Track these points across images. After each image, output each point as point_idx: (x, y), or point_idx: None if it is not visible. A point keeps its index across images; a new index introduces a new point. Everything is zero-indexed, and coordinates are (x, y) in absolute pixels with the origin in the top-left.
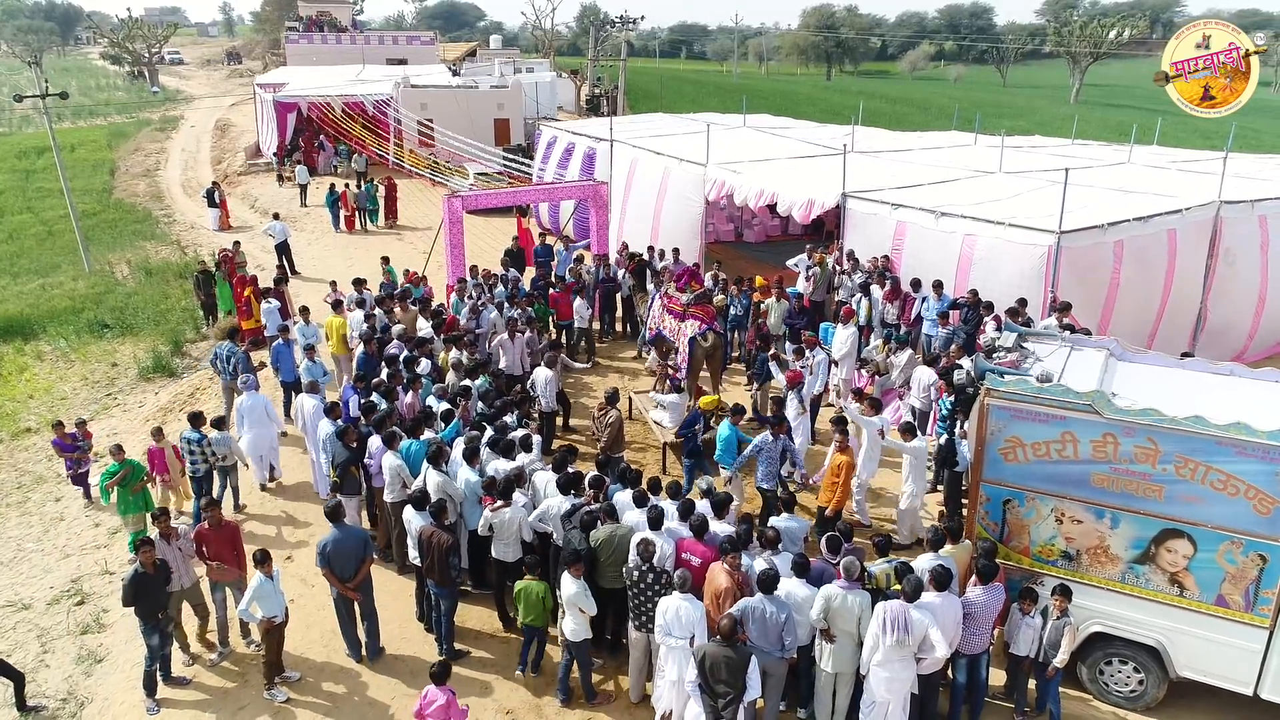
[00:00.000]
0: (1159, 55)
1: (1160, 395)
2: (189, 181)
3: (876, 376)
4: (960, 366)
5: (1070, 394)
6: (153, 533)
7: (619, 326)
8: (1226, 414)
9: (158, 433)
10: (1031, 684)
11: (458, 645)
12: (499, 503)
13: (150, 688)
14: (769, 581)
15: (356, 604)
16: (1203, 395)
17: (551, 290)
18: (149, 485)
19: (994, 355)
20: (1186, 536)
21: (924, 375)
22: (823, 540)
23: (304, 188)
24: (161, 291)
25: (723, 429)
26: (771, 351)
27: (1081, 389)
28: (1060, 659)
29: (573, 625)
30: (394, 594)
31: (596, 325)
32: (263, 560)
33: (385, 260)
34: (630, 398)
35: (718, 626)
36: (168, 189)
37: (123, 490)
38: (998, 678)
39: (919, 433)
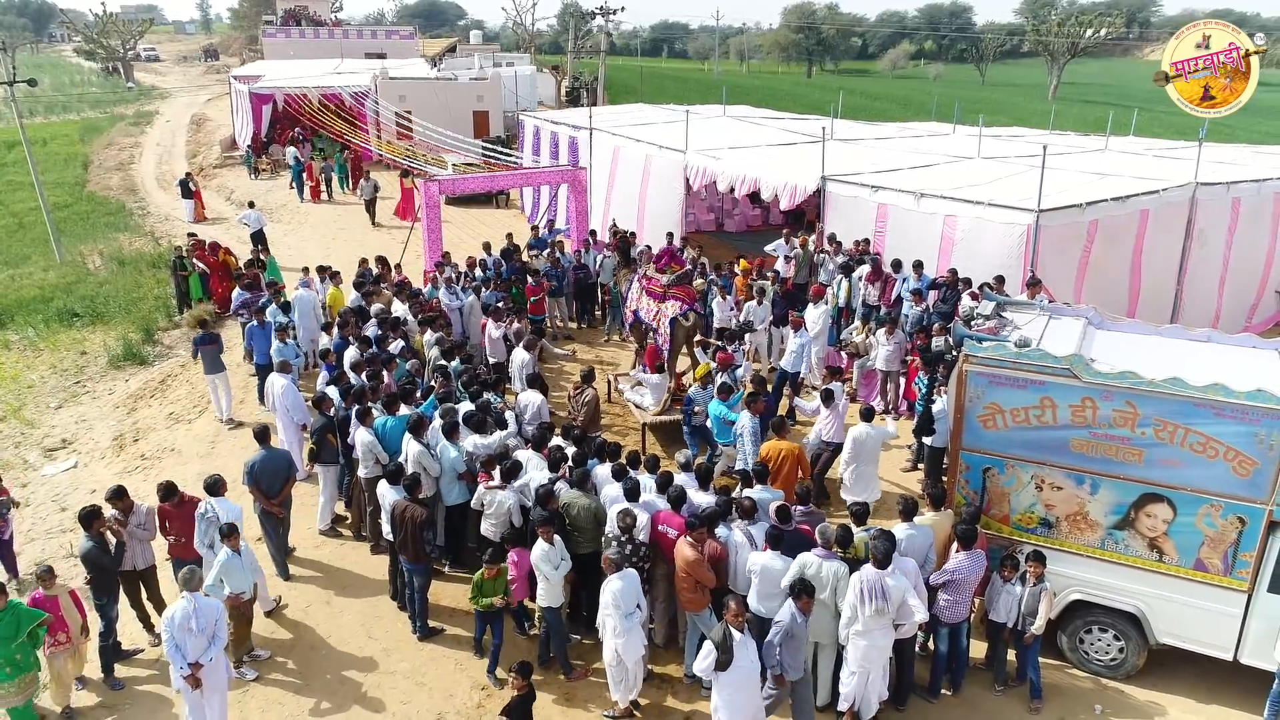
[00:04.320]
0: (1135, 54)
1: (1138, 361)
2: (164, 175)
3: (856, 358)
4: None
5: (1048, 358)
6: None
7: (598, 312)
8: (1205, 377)
9: (47, 575)
10: (1011, 655)
11: (432, 623)
12: (496, 482)
13: (109, 664)
14: (777, 538)
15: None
16: (1181, 360)
17: (529, 283)
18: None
19: (972, 323)
20: (1166, 501)
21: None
22: (771, 508)
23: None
24: (134, 280)
25: (713, 406)
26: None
27: (1060, 354)
28: (1038, 626)
29: (542, 590)
30: (369, 571)
31: (573, 324)
32: (229, 534)
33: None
34: (609, 380)
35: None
36: (142, 182)
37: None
38: (978, 649)
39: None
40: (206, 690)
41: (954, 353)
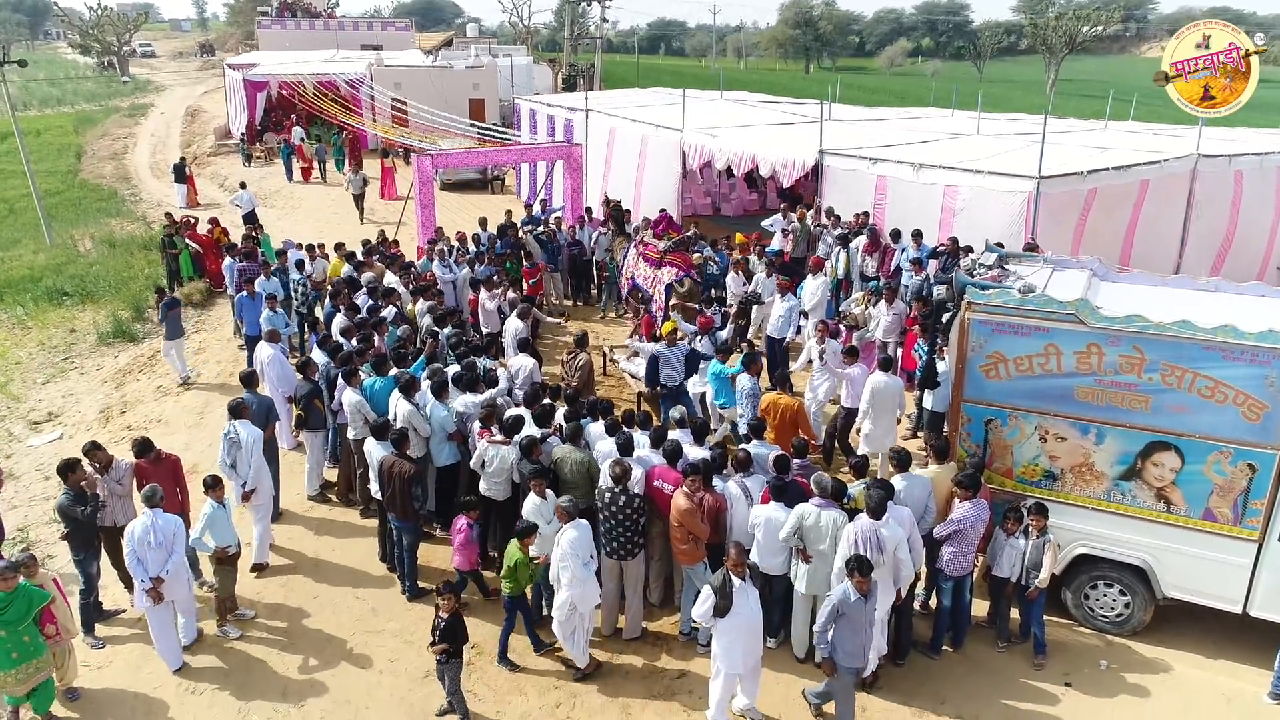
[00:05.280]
0: (1133, 52)
1: (1145, 309)
2: (158, 164)
3: (855, 330)
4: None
5: (1053, 303)
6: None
7: (594, 290)
8: (1213, 322)
9: (29, 563)
10: (1015, 613)
11: (421, 584)
12: (499, 437)
13: (89, 622)
14: (780, 489)
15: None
16: (1188, 308)
17: (524, 265)
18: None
19: (975, 273)
20: (1174, 449)
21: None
22: (770, 459)
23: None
24: (124, 261)
25: (713, 366)
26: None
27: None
28: (1041, 579)
29: (534, 548)
30: (358, 536)
31: (568, 302)
32: (213, 485)
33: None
34: (604, 353)
35: (725, 553)
36: (135, 171)
37: None
38: (980, 608)
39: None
40: (168, 604)
41: (955, 303)
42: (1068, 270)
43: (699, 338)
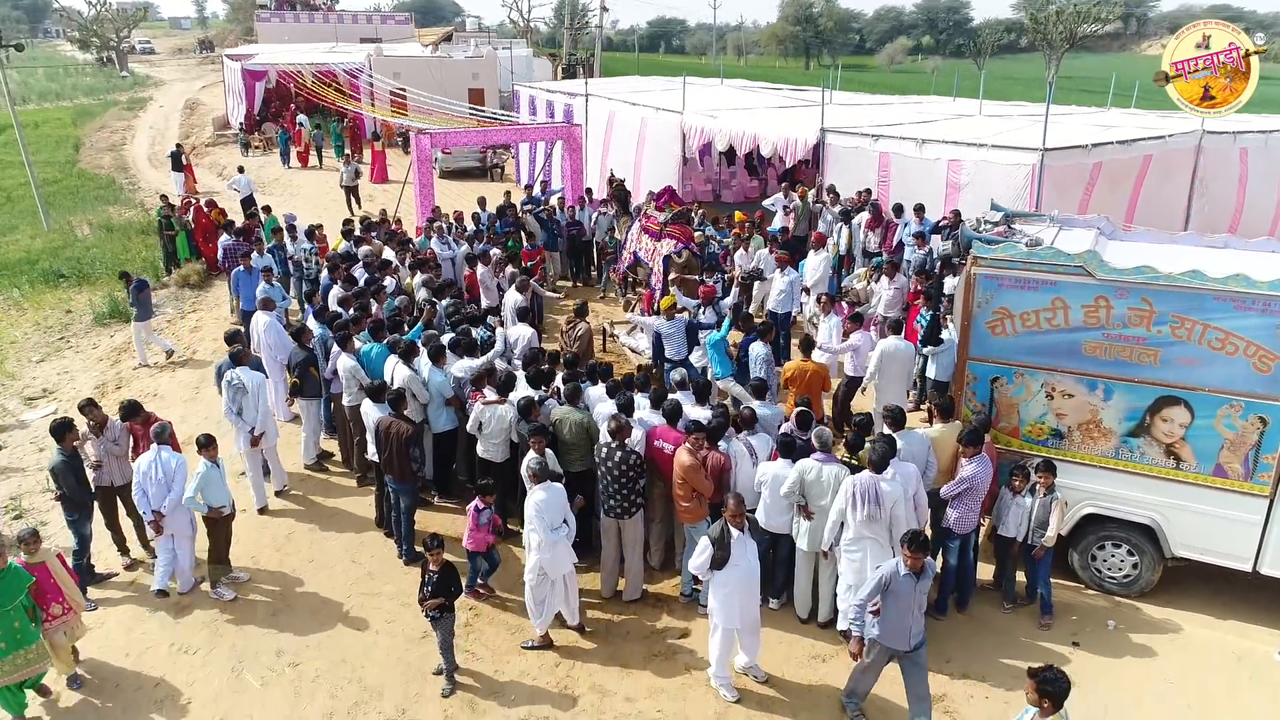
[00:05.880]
0: (1133, 49)
1: (1154, 263)
2: (156, 155)
3: (856, 306)
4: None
5: (1061, 256)
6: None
7: (593, 272)
8: (1224, 272)
9: (30, 539)
10: (1021, 576)
11: (418, 548)
12: (494, 397)
13: (82, 585)
14: (789, 446)
15: None
16: (1198, 262)
17: (525, 246)
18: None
19: (981, 230)
20: (1183, 403)
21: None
22: (792, 417)
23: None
24: (122, 245)
25: (711, 337)
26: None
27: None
28: (1048, 537)
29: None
30: (355, 503)
31: (567, 282)
32: (206, 444)
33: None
34: (604, 328)
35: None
36: (133, 161)
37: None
38: (985, 572)
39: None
40: (169, 536)
41: (961, 258)
42: (1074, 229)
43: (700, 309)
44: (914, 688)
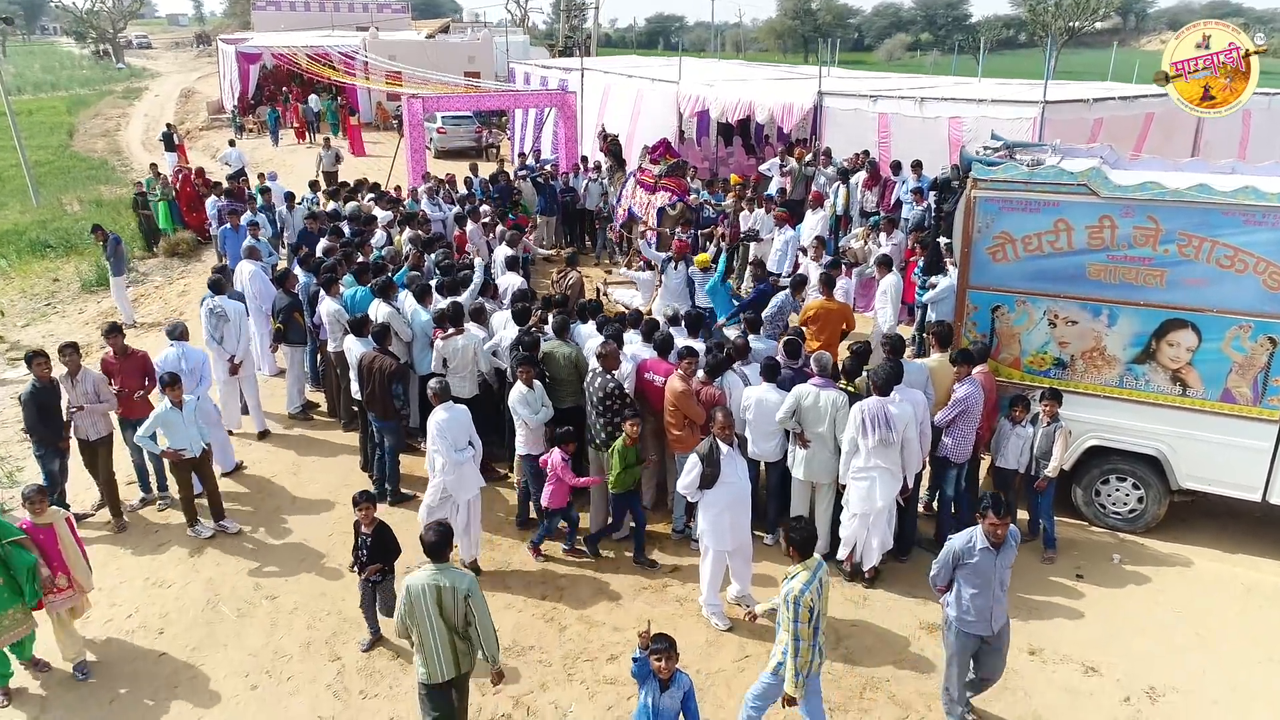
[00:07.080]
0: (1132, 45)
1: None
2: (149, 139)
3: (855, 266)
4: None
5: (1064, 175)
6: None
7: (587, 241)
8: (1231, 188)
9: (36, 496)
10: (1023, 513)
11: (403, 489)
12: (450, 330)
13: None
14: (772, 369)
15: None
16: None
17: (509, 217)
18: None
19: (981, 154)
20: (1190, 326)
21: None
22: (780, 345)
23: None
24: (111, 217)
25: (709, 284)
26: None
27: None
28: (1052, 468)
29: (521, 437)
30: (339, 448)
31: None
32: (170, 384)
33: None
34: (598, 288)
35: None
36: (127, 145)
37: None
38: None
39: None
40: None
41: (961, 182)
42: (1078, 158)
43: (674, 264)
44: (983, 671)
